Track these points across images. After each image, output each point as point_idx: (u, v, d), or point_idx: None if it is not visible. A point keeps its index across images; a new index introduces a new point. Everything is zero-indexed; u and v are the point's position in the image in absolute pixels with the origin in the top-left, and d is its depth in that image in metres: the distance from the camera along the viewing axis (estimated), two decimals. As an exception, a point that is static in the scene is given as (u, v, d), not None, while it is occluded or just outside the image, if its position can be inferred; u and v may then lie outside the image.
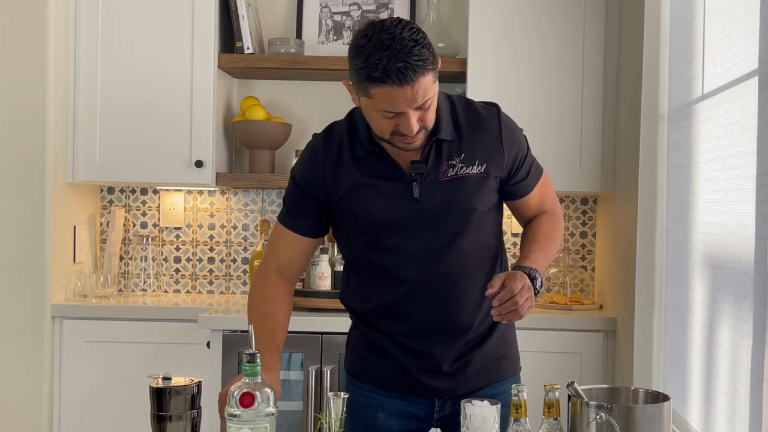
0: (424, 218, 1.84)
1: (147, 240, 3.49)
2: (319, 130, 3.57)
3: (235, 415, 1.54)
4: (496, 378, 1.95)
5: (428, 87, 1.71)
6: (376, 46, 1.69)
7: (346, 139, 1.89)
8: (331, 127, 1.95)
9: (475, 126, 1.88)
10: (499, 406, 1.56)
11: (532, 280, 1.78)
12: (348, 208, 1.87)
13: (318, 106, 3.54)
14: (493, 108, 1.92)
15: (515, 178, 1.93)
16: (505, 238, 2.10)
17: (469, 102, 1.93)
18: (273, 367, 1.86)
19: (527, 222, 2.03)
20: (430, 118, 1.78)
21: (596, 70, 3.14)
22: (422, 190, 1.83)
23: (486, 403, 1.56)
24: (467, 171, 1.85)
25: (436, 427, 1.79)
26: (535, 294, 1.77)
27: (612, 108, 3.14)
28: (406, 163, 1.85)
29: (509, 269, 1.90)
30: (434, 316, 1.88)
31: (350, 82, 1.81)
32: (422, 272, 1.86)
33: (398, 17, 1.76)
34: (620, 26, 3.11)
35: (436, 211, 1.84)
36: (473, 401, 1.56)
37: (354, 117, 1.92)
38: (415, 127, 1.74)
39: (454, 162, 1.85)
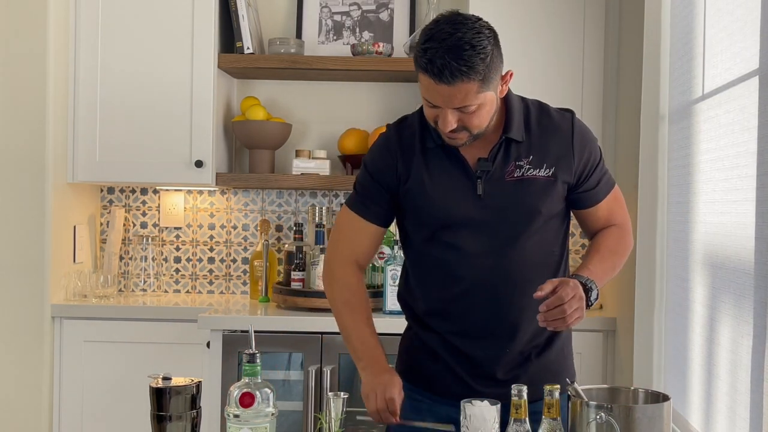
0: (486, 216, 1.82)
1: (147, 240, 3.49)
2: (319, 130, 3.60)
3: (235, 415, 1.54)
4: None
5: (470, 94, 1.68)
6: (436, 35, 1.67)
7: (418, 131, 1.88)
8: (405, 118, 1.95)
9: (547, 128, 1.86)
10: (498, 406, 1.56)
11: (587, 290, 1.75)
12: (413, 198, 1.87)
13: (318, 106, 3.54)
14: (567, 113, 1.90)
15: (584, 185, 1.90)
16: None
17: (543, 105, 1.91)
18: (388, 366, 1.89)
19: (593, 235, 1.99)
20: (476, 124, 1.75)
21: (596, 70, 3.14)
22: (486, 188, 1.82)
23: (486, 403, 1.56)
24: (534, 173, 1.83)
25: None
26: (588, 306, 1.74)
27: (612, 108, 3.14)
28: (473, 159, 1.83)
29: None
30: (487, 318, 1.86)
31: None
32: (479, 271, 1.84)
33: (479, 17, 1.75)
34: (620, 26, 3.11)
35: (498, 210, 1.82)
36: (473, 401, 1.56)
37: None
38: (451, 125, 1.73)
39: (521, 163, 1.83)
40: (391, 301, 2.97)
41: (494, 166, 1.82)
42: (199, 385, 1.62)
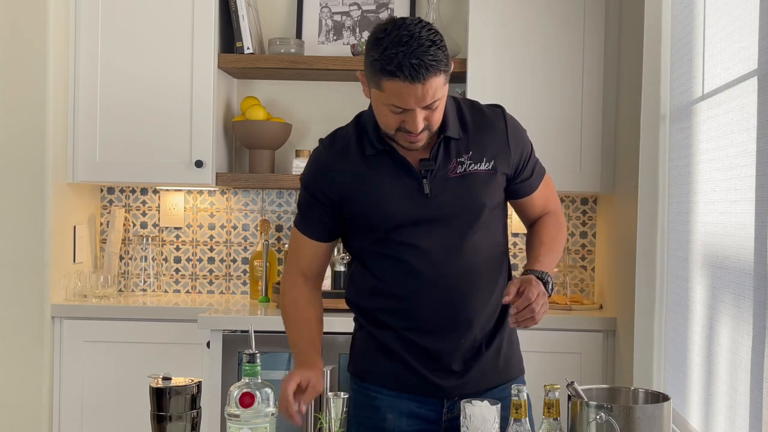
0: (436, 214, 1.86)
1: (147, 240, 3.49)
2: (319, 130, 3.60)
3: (235, 415, 1.54)
4: (504, 378, 1.96)
5: (438, 88, 1.73)
6: (394, 41, 1.71)
7: (354, 141, 1.92)
8: (335, 132, 2.00)
9: (482, 125, 1.91)
10: (498, 406, 1.56)
11: (545, 284, 1.82)
12: (361, 205, 1.89)
13: (318, 106, 3.54)
14: (497, 109, 1.97)
15: (521, 176, 1.96)
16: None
17: (474, 103, 1.97)
18: (317, 365, 1.94)
19: (531, 223, 2.06)
20: (436, 120, 1.80)
21: (596, 70, 3.14)
22: (432, 186, 1.86)
23: (486, 403, 1.56)
24: (476, 167, 1.88)
25: (443, 428, 1.80)
26: (548, 297, 1.81)
27: (612, 108, 3.14)
28: (415, 161, 1.87)
29: (517, 271, 1.91)
30: (444, 312, 1.89)
31: (364, 74, 1.82)
32: (433, 267, 1.87)
33: (419, 17, 1.79)
34: (620, 26, 3.11)
35: (446, 207, 1.86)
36: (473, 401, 1.57)
37: (362, 119, 1.95)
38: (420, 125, 1.76)
39: (462, 159, 1.88)
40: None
41: (437, 164, 1.87)
42: (199, 385, 1.62)
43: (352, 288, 2.03)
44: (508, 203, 2.03)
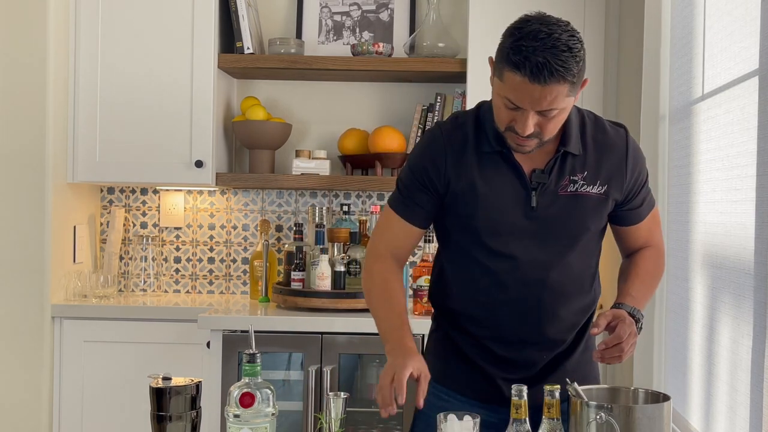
0: (537, 229, 1.80)
1: (147, 240, 3.49)
2: (319, 130, 3.60)
3: (235, 415, 1.54)
4: None
5: (559, 97, 1.64)
6: (530, 34, 1.63)
7: (472, 132, 1.83)
8: (456, 117, 1.89)
9: (603, 144, 1.84)
10: (478, 420, 1.54)
11: (636, 321, 1.76)
12: (465, 203, 1.82)
13: (318, 106, 3.55)
14: (621, 129, 1.88)
15: (631, 204, 1.88)
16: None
17: (599, 119, 1.89)
18: (414, 348, 1.78)
19: (629, 253, 1.98)
20: (550, 130, 1.72)
21: (596, 70, 3.14)
22: (540, 200, 1.80)
23: (466, 417, 1.54)
24: (588, 189, 1.81)
25: None
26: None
27: (612, 108, 3.14)
28: (528, 169, 1.81)
29: (609, 302, 1.88)
30: (527, 327, 1.85)
31: (494, 60, 1.75)
32: (524, 282, 1.82)
33: (568, 22, 1.72)
34: (620, 26, 3.11)
35: (550, 223, 1.81)
36: (449, 415, 1.54)
37: (482, 111, 1.85)
38: (529, 129, 1.68)
39: (576, 178, 1.81)
40: (391, 301, 2.97)
41: (550, 179, 1.80)
42: (199, 385, 1.62)
43: (437, 286, 1.97)
44: (609, 227, 1.94)
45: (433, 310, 2.03)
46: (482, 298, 1.86)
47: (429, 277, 2.98)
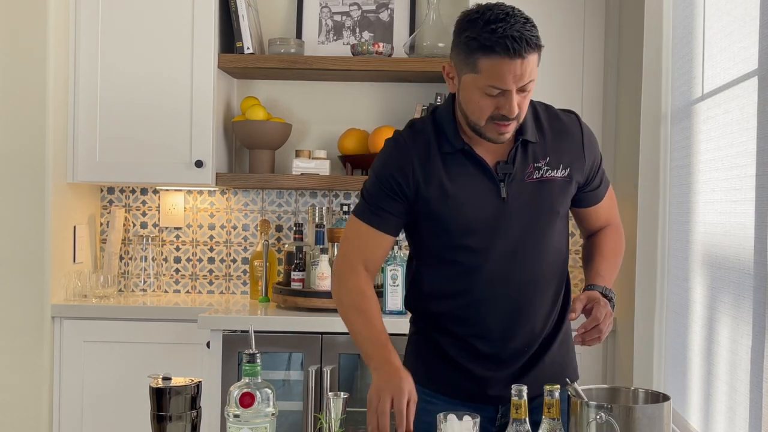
0: (510, 219, 1.83)
1: (147, 240, 3.49)
2: (319, 130, 3.60)
3: (235, 415, 1.54)
4: (561, 383, 1.90)
5: (534, 67, 1.71)
6: (491, 19, 1.70)
7: (433, 136, 1.85)
8: (413, 124, 1.91)
9: (558, 131, 1.88)
10: (478, 419, 1.55)
11: (609, 300, 1.81)
12: (436, 205, 1.84)
13: (318, 106, 3.55)
14: (572, 115, 1.93)
15: (591, 185, 1.94)
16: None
17: (549, 107, 1.94)
18: (401, 367, 1.77)
19: (590, 234, 2.03)
20: (525, 107, 1.77)
21: (596, 70, 3.14)
22: (509, 190, 1.82)
23: (466, 417, 1.54)
24: (552, 174, 1.85)
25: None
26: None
27: (612, 108, 3.14)
28: (492, 162, 1.84)
29: (574, 283, 1.90)
30: (508, 319, 1.87)
31: (451, 63, 1.79)
32: (503, 274, 1.84)
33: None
34: (620, 26, 3.11)
35: (522, 212, 1.83)
36: (449, 415, 1.55)
37: (438, 116, 1.88)
38: (516, 108, 1.72)
39: (539, 164, 1.84)
40: (391, 302, 2.97)
41: (515, 168, 1.83)
42: (199, 385, 1.62)
43: (414, 290, 1.97)
44: (570, 211, 1.98)
45: (411, 314, 2.03)
46: (462, 297, 1.87)
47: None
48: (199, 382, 1.63)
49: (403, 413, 1.68)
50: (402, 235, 2.02)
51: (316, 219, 3.26)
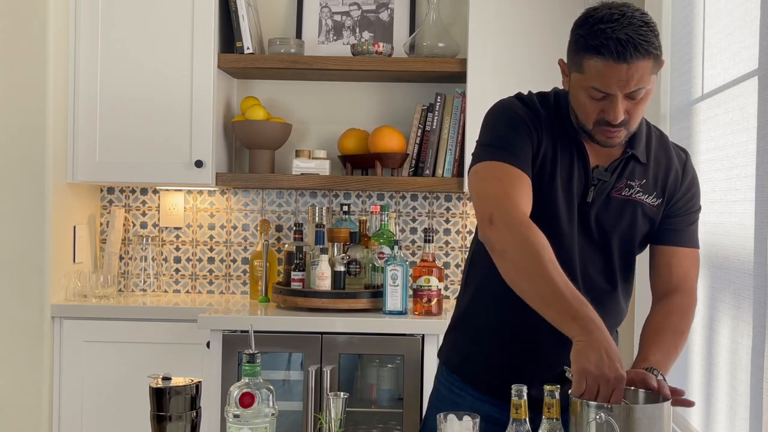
0: (585, 223, 1.77)
1: (147, 240, 3.49)
2: (319, 130, 3.60)
3: (235, 415, 1.54)
4: None
5: (645, 75, 1.61)
6: (604, 18, 1.61)
7: (553, 110, 1.78)
8: (535, 94, 1.83)
9: (665, 160, 1.81)
10: (478, 420, 1.55)
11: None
12: (542, 171, 1.75)
13: (318, 106, 3.55)
14: (683, 153, 1.86)
15: (672, 221, 1.82)
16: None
17: (664, 136, 1.86)
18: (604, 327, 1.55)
19: (660, 295, 1.85)
20: (637, 116, 1.68)
21: (596, 70, 3.13)
22: (595, 197, 1.77)
23: (466, 418, 1.54)
24: (642, 197, 1.79)
25: None
26: None
27: (612, 108, 3.14)
28: (594, 163, 1.77)
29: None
30: (550, 328, 1.74)
31: (564, 60, 1.73)
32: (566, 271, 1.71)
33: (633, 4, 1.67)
34: (620, 26, 3.11)
35: (598, 221, 1.78)
36: (449, 415, 1.54)
37: (560, 98, 1.80)
38: (621, 115, 1.64)
39: (633, 183, 1.78)
40: (391, 302, 2.97)
41: (611, 178, 1.77)
42: (198, 385, 1.62)
43: (475, 269, 1.88)
44: (650, 254, 1.87)
45: (462, 289, 1.93)
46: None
47: (428, 277, 2.99)
48: (199, 382, 1.63)
49: (623, 381, 1.48)
50: (402, 235, 1.99)
51: (316, 219, 3.26)
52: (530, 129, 1.74)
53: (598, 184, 1.76)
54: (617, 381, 1.47)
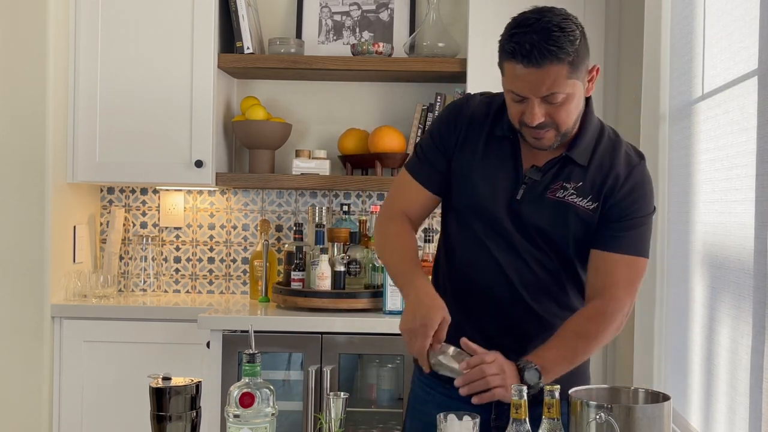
0: (519, 220, 1.80)
1: (147, 240, 3.49)
2: (319, 130, 3.60)
3: (235, 415, 1.54)
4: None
5: (559, 79, 1.64)
6: (521, 23, 1.66)
7: (492, 113, 1.85)
8: (487, 96, 1.91)
9: (608, 164, 1.80)
10: (477, 420, 1.55)
11: (520, 370, 1.69)
12: (459, 178, 1.85)
13: (318, 106, 3.55)
14: (637, 157, 1.84)
15: (609, 226, 1.80)
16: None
17: (618, 143, 1.84)
18: (431, 289, 1.78)
19: (590, 295, 1.83)
20: (563, 119, 1.71)
21: (596, 70, 3.13)
22: (525, 195, 1.80)
23: (466, 418, 1.54)
24: (576, 200, 1.79)
25: None
26: (530, 388, 1.63)
27: (612, 107, 3.14)
28: (529, 165, 1.81)
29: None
30: (497, 319, 1.86)
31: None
32: (495, 273, 1.83)
33: (566, 10, 1.71)
34: (620, 26, 3.11)
35: (527, 221, 1.80)
36: (449, 415, 1.55)
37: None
38: (538, 117, 1.68)
39: (568, 185, 1.79)
40: (391, 301, 2.97)
41: (542, 178, 1.80)
42: (199, 385, 1.62)
43: (438, 269, 1.97)
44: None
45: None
46: (461, 282, 1.89)
47: (428, 277, 2.98)
48: (199, 382, 1.63)
49: (423, 354, 1.70)
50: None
51: (316, 219, 3.26)
52: (449, 137, 1.86)
53: (529, 183, 1.80)
54: (422, 328, 1.69)
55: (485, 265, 1.85)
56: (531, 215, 1.80)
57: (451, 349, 1.71)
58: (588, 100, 1.83)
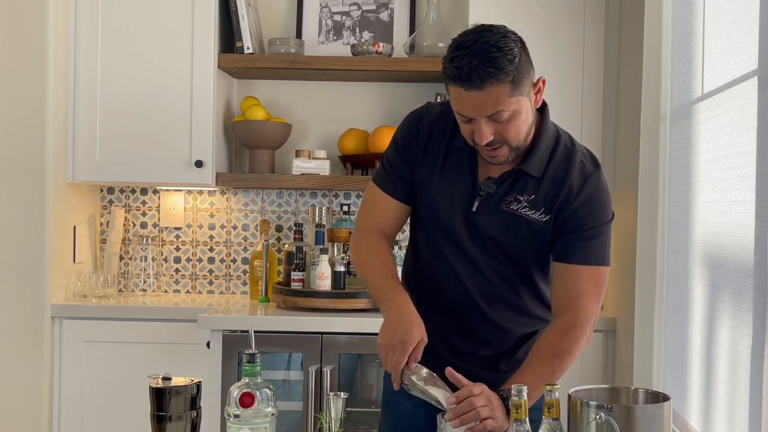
0: (475, 231, 1.83)
1: (147, 240, 3.49)
2: (319, 130, 3.60)
3: (235, 415, 1.54)
4: None
5: (502, 98, 1.64)
6: (460, 45, 1.66)
7: (452, 126, 1.86)
8: (447, 105, 1.88)
9: (562, 176, 1.79)
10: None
11: (504, 399, 1.67)
12: (420, 188, 1.88)
13: (318, 106, 3.55)
14: (589, 169, 1.81)
15: (567, 238, 1.80)
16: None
17: (574, 153, 1.82)
18: (411, 307, 1.77)
19: (556, 310, 1.84)
20: (513, 134, 1.71)
21: (596, 70, 3.14)
22: (481, 206, 1.82)
23: None
24: (528, 213, 1.80)
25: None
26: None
27: (612, 108, 3.14)
28: (485, 176, 1.83)
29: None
30: (455, 324, 1.90)
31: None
32: (453, 281, 1.87)
33: (505, 26, 1.71)
34: (620, 26, 3.11)
35: (483, 232, 1.83)
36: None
37: None
38: (486, 137, 1.68)
39: (521, 198, 1.80)
40: (391, 301, 2.97)
41: (497, 191, 1.81)
42: (199, 385, 1.62)
43: (407, 270, 2.01)
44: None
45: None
46: (424, 283, 1.92)
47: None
48: (199, 382, 1.63)
49: (398, 371, 1.70)
50: (401, 236, 2.05)
51: (316, 219, 3.26)
52: (411, 147, 1.88)
53: (484, 195, 1.81)
54: (400, 344, 1.69)
55: (445, 272, 1.88)
56: (487, 227, 1.82)
57: (425, 371, 1.71)
58: (543, 109, 1.83)
